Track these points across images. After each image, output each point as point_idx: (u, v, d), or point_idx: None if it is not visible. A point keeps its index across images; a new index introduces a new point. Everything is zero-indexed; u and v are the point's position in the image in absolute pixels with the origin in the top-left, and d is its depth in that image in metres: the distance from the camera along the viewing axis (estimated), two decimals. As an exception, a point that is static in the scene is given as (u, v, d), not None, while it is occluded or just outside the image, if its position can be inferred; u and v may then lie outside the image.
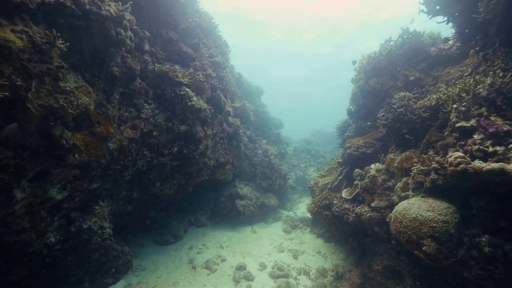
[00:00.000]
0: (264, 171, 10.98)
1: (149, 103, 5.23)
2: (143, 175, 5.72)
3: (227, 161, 8.28)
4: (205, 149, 6.69)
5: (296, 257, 7.36)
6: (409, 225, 3.62)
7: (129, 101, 4.88)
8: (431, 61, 6.36)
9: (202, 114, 5.87)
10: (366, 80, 6.76)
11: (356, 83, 7.21)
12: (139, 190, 5.89)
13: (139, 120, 5.03)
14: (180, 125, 5.80)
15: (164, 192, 6.77)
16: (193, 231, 9.12)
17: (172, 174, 6.39)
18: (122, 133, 4.78)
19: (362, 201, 5.52)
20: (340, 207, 5.71)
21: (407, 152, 4.62)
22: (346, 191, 6.11)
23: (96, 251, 4.58)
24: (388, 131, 5.06)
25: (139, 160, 5.37)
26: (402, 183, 4.46)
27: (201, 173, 7.39)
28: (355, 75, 7.41)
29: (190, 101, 5.40)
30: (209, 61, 6.46)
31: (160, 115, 5.44)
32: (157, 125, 5.37)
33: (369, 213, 5.09)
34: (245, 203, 9.79)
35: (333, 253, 7.56)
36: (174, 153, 6.00)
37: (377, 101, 6.79)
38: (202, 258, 7.16)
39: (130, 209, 6.28)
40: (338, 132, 9.93)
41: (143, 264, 6.91)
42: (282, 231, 9.38)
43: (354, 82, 7.60)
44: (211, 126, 6.80)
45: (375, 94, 6.68)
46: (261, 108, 14.46)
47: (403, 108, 4.54)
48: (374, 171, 5.22)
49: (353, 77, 7.67)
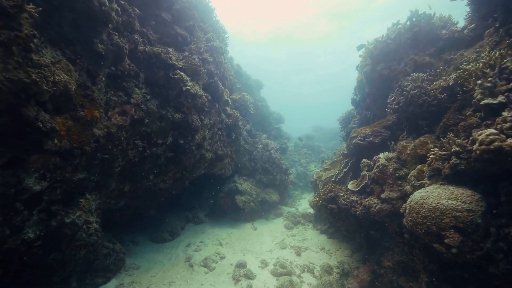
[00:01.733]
0: (264, 166, 10.60)
1: (140, 87, 4.83)
2: (135, 167, 5.33)
3: (226, 154, 7.89)
4: (202, 140, 6.30)
5: (299, 254, 6.99)
6: (428, 215, 3.23)
7: (118, 84, 4.48)
8: (442, 44, 5.96)
9: (198, 101, 5.48)
10: (372, 66, 6.37)
11: (362, 70, 6.81)
12: (131, 184, 5.50)
13: (129, 105, 4.63)
14: (174, 113, 5.40)
15: (159, 186, 6.38)
16: (191, 228, 8.74)
17: (167, 166, 6.00)
18: (110, 119, 4.38)
19: (371, 193, 5.14)
20: (346, 200, 5.33)
21: (421, 137, 4.23)
22: (352, 183, 5.73)
23: (82, 248, 4.19)
24: (400, 117, 4.67)
25: (130, 150, 4.97)
26: (416, 172, 4.08)
27: (198, 166, 7.00)
28: (360, 61, 7.01)
29: (185, 86, 5.00)
30: (206, 45, 6.06)
31: (152, 101, 5.04)
32: (149, 112, 4.98)
33: (378, 205, 4.71)
34: (245, 199, 9.41)
35: (337, 249, 7.19)
36: (168, 143, 5.60)
37: (385, 88, 6.39)
38: (200, 255, 6.77)
39: (122, 204, 5.88)
40: (341, 124, 9.54)
41: (137, 262, 6.52)
42: (283, 228, 9.00)
43: (360, 69, 7.20)
44: (208, 115, 6.40)
45: (382, 81, 6.28)
46: (261, 102, 14.06)
47: (417, 90, 4.15)
48: (384, 160, 4.83)
49: (358, 64, 7.27)
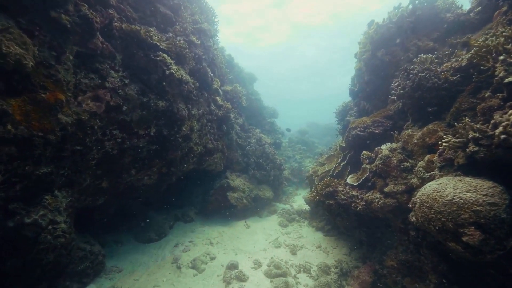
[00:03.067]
0: (258, 161, 10.15)
1: (116, 70, 4.29)
2: (114, 161, 4.79)
3: (217, 148, 7.40)
4: (190, 132, 5.79)
5: (294, 252, 6.59)
6: (443, 210, 2.84)
7: (89, 64, 3.93)
8: (446, 28, 5.59)
9: (184, 87, 4.96)
10: (373, 52, 5.96)
11: (361, 57, 6.40)
12: (110, 179, 4.96)
13: (103, 90, 4.09)
14: (157, 100, 4.88)
15: (143, 182, 5.85)
16: (180, 227, 8.24)
17: (151, 160, 5.47)
18: (81, 105, 3.84)
19: (372, 187, 4.75)
20: (346, 195, 4.93)
21: (430, 125, 3.84)
22: (352, 177, 5.33)
23: (49, 252, 3.66)
24: (405, 103, 4.28)
25: (107, 141, 4.43)
26: (424, 162, 3.68)
27: (186, 161, 6.49)
28: (359, 48, 6.59)
29: (169, 69, 4.48)
30: (193, 28, 5.53)
31: (131, 86, 4.50)
32: (128, 98, 4.44)
33: (381, 200, 4.32)
34: (238, 196, 8.95)
35: (334, 247, 6.82)
36: (152, 134, 5.08)
37: (386, 76, 6.00)
38: (188, 256, 6.30)
39: (101, 201, 5.34)
40: (337, 117, 9.15)
41: (119, 264, 6.00)
42: (278, 225, 8.60)
43: (358, 57, 6.79)
44: (196, 105, 5.89)
45: (383, 68, 5.88)
46: (254, 95, 13.56)
47: (426, 73, 3.76)
48: (387, 151, 4.44)
49: (357, 51, 6.86)
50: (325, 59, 39.92)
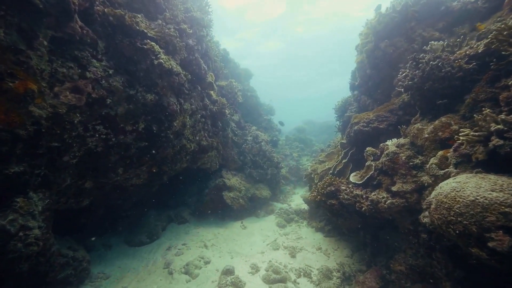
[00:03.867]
0: (254, 159, 9.80)
1: (99, 59, 3.89)
2: (98, 159, 4.39)
3: (211, 145, 7.02)
4: (182, 128, 5.41)
5: (293, 255, 6.27)
6: (464, 212, 2.52)
7: (67, 52, 3.53)
8: (453, 18, 5.30)
9: (175, 79, 4.58)
10: (375, 43, 5.65)
11: (363, 48, 6.08)
12: (95, 179, 4.56)
13: (84, 80, 3.69)
14: (145, 93, 4.49)
15: (131, 182, 5.46)
16: (173, 229, 7.86)
17: (140, 158, 5.08)
18: (58, 97, 3.44)
19: (378, 186, 4.44)
20: (349, 194, 4.61)
21: (442, 118, 3.53)
22: (355, 175, 5.01)
23: (21, 261, 3.26)
24: (413, 95, 3.97)
25: (90, 137, 4.04)
26: (437, 159, 3.37)
27: (178, 159, 6.11)
28: (361, 39, 6.27)
29: (157, 59, 4.10)
30: (185, 16, 5.14)
31: (116, 77, 4.11)
32: (112, 90, 4.05)
33: (389, 199, 4.01)
34: (234, 195, 8.60)
35: (335, 249, 6.52)
36: (140, 130, 4.69)
37: (389, 68, 5.70)
38: (181, 261, 5.93)
39: (86, 203, 4.94)
40: (336, 113, 8.84)
41: (107, 270, 5.61)
42: (276, 226, 8.27)
43: (360, 49, 6.48)
44: (188, 99, 5.50)
45: (386, 60, 5.58)
46: (250, 92, 13.19)
47: (438, 61, 3.45)
48: (394, 147, 4.12)
49: (358, 44, 6.54)
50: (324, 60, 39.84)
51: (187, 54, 5.04)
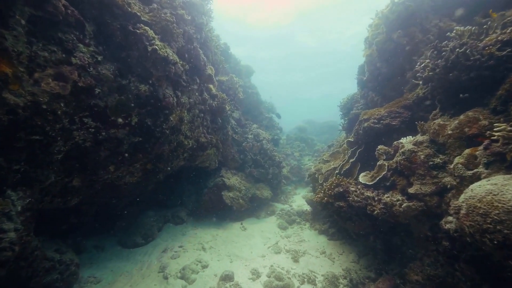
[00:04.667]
0: (255, 158, 9.43)
1: (86, 43, 3.51)
2: (87, 155, 4.02)
3: (210, 142, 6.66)
4: (179, 123, 5.04)
5: (296, 259, 5.91)
6: (505, 219, 2.16)
7: (49, 33, 3.15)
8: (471, 6, 4.94)
9: (171, 69, 4.20)
10: (387, 34, 5.28)
11: (374, 40, 5.71)
12: (83, 176, 4.19)
13: (69, 67, 3.31)
14: (139, 84, 4.12)
15: (124, 180, 5.10)
16: (169, 230, 7.50)
17: (133, 155, 4.71)
18: (38, 84, 3.06)
19: (391, 187, 4.08)
20: (360, 196, 4.24)
21: (469, 112, 3.17)
22: (365, 175, 4.65)
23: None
24: (434, 87, 3.61)
25: (77, 130, 3.67)
26: (463, 158, 3.01)
27: (175, 156, 5.74)
28: (371, 31, 5.88)
29: (152, 45, 3.72)
30: (183, 1, 4.76)
31: (106, 64, 3.73)
32: (102, 79, 3.67)
33: (405, 202, 3.65)
34: (233, 195, 8.24)
35: (340, 253, 6.16)
36: (133, 124, 4.32)
37: (401, 61, 5.33)
38: (177, 264, 5.57)
39: (75, 202, 4.57)
40: (342, 111, 8.47)
41: (98, 274, 5.25)
42: (277, 227, 7.91)
43: (369, 41, 6.10)
44: (186, 92, 5.13)
45: (399, 52, 5.21)
46: (251, 89, 12.80)
47: (465, 48, 3.09)
48: (411, 145, 3.76)
49: (367, 36, 6.17)
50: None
51: (185, 43, 4.67)
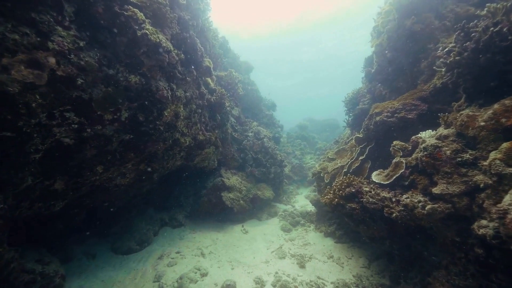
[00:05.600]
0: (256, 157, 9.01)
1: (66, 26, 3.08)
2: (70, 154, 3.59)
3: (209, 140, 6.23)
4: (174, 118, 4.61)
5: (302, 265, 5.51)
6: None
7: (19, 12, 2.71)
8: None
9: (165, 58, 3.77)
10: (400, 21, 4.87)
11: (384, 28, 5.29)
12: (66, 178, 3.75)
13: (45, 52, 2.88)
14: (128, 74, 3.68)
15: (115, 182, 4.67)
16: (166, 234, 7.07)
17: (124, 154, 4.28)
18: (7, 71, 2.63)
19: (410, 187, 3.68)
20: (375, 197, 3.83)
21: (506, 100, 2.76)
22: (378, 174, 4.25)
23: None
24: (460, 74, 3.21)
25: (57, 126, 3.23)
26: (501, 153, 2.61)
27: (171, 155, 5.31)
28: (380, 18, 5.46)
29: (141, 29, 3.29)
30: (177, -16, 4.35)
31: (90, 52, 3.30)
32: (85, 68, 3.24)
33: (429, 204, 3.24)
34: (234, 196, 7.82)
35: (349, 257, 5.77)
36: (123, 120, 3.89)
37: (415, 50, 4.93)
38: (174, 272, 5.15)
39: (59, 207, 4.13)
40: (346, 106, 8.06)
41: (87, 285, 4.82)
42: (280, 230, 7.51)
43: (378, 31, 5.70)
44: (182, 85, 4.70)
45: (412, 41, 4.81)
46: (250, 86, 12.38)
47: (500, 27, 2.70)
48: (434, 140, 3.35)
49: (376, 25, 5.77)
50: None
51: (180, 30, 4.24)
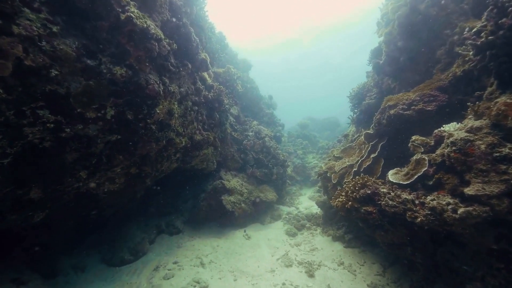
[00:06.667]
0: (257, 157, 8.57)
1: (35, 8, 2.63)
2: (47, 158, 3.13)
3: (207, 140, 5.78)
4: (168, 116, 4.16)
5: (311, 274, 5.07)
6: None
7: (-27, -12, 2.26)
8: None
9: (154, 47, 3.33)
10: (412, 5, 4.45)
11: (395, 14, 4.86)
12: (43, 186, 3.30)
13: (8, 38, 2.43)
14: (113, 66, 3.23)
15: (104, 188, 4.21)
16: (163, 241, 6.60)
17: (111, 157, 3.83)
18: (-41, 59, 2.17)
19: (436, 187, 3.24)
20: (395, 200, 3.39)
21: (556, 83, 2.34)
22: (396, 173, 3.81)
23: None
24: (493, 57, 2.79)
25: (28, 126, 2.78)
26: (555, 145, 2.16)
27: (166, 157, 4.86)
28: (389, 5, 4.99)
29: (125, 12, 2.86)
30: (166, -33, 3.91)
31: (66, 39, 2.85)
32: (60, 57, 2.79)
33: (460, 207, 2.80)
34: (235, 199, 7.38)
35: (362, 264, 5.34)
36: (108, 118, 3.44)
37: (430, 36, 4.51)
38: (171, 286, 4.69)
39: (39, 218, 3.68)
40: (352, 102, 7.64)
41: (75, 303, 4.35)
42: (285, 234, 7.06)
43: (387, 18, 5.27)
44: (176, 79, 4.26)
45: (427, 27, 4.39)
46: (249, 84, 11.94)
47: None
48: (464, 133, 2.92)
49: (384, 12, 5.33)
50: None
51: (171, 16, 3.80)
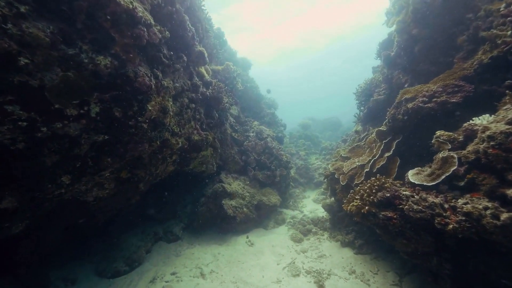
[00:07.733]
0: (259, 159, 8.15)
1: (-2, -16, 2.23)
2: (21, 162, 2.72)
3: (206, 140, 5.37)
4: (162, 114, 3.75)
5: (321, 284, 4.64)
6: None
7: None
8: None
9: (143, 33, 2.93)
10: (430, -12, 4.07)
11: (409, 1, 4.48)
12: (19, 194, 2.88)
13: (-36, 18, 2.02)
14: (96, 54, 2.83)
15: (92, 194, 3.79)
16: (161, 250, 6.18)
17: (97, 160, 3.41)
18: None
19: (469, 189, 2.82)
20: (421, 204, 2.97)
21: None
22: (417, 174, 3.39)
23: None
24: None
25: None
26: None
27: (160, 160, 4.44)
28: (403, -10, 4.68)
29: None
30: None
31: (39, 22, 2.45)
32: (30, 43, 2.39)
33: (503, 212, 2.38)
34: (236, 204, 6.96)
35: (375, 272, 4.90)
36: (93, 115, 3.03)
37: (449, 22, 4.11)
38: (168, 301, 4.27)
39: (18, 229, 3.28)
40: (358, 99, 7.24)
41: (62, 322, 3.93)
42: (290, 240, 6.62)
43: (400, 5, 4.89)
44: (170, 72, 3.85)
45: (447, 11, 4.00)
46: (249, 83, 11.55)
47: None
48: (504, 125, 2.51)
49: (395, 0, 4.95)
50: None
51: (163, 2, 3.41)
